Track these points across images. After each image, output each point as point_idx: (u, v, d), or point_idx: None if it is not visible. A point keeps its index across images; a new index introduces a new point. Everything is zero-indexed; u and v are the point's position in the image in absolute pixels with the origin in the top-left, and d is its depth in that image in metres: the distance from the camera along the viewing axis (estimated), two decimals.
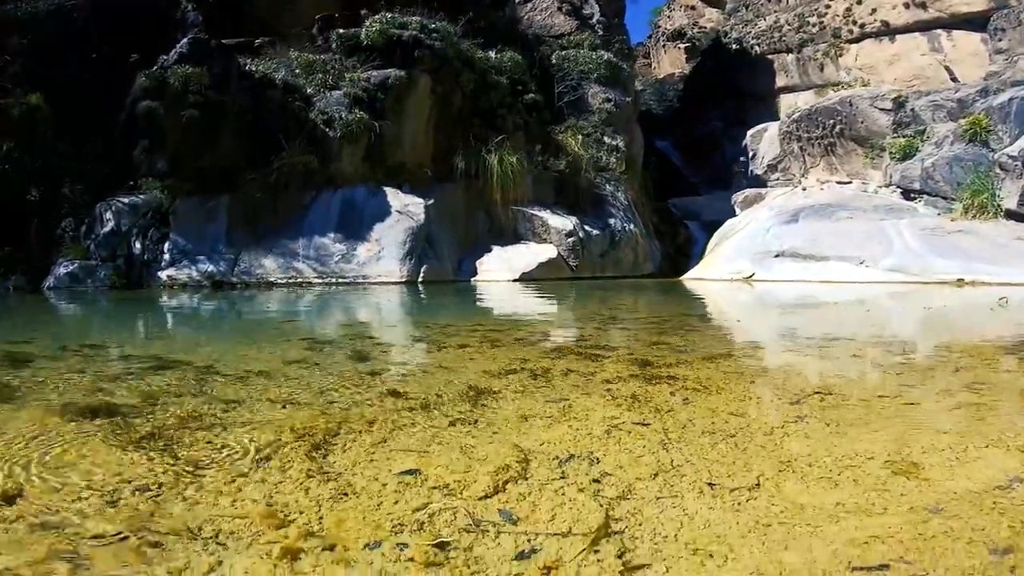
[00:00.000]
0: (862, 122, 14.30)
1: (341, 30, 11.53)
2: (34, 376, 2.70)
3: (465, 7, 12.61)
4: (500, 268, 10.60)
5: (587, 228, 11.59)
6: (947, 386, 2.54)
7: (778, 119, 17.28)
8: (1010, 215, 10.14)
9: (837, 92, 15.75)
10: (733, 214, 14.04)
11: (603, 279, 11.12)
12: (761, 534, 1.24)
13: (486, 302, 7.79)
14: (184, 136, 9.71)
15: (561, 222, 11.35)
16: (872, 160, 14.14)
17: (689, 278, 11.52)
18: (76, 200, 9.54)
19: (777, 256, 10.69)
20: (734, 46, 20.22)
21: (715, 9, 23.26)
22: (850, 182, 14.09)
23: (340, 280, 9.49)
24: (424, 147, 11.39)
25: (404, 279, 9.55)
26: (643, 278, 11.85)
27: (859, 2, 17.52)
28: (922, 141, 13.09)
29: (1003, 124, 11.54)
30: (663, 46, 25.10)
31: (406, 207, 10.22)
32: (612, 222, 12.10)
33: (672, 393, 2.31)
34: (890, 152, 13.40)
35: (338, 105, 10.53)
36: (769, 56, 19.30)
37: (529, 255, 10.85)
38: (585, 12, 15.60)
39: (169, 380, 2.60)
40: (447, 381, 2.54)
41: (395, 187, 10.58)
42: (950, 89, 14.21)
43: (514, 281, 10.24)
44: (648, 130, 16.98)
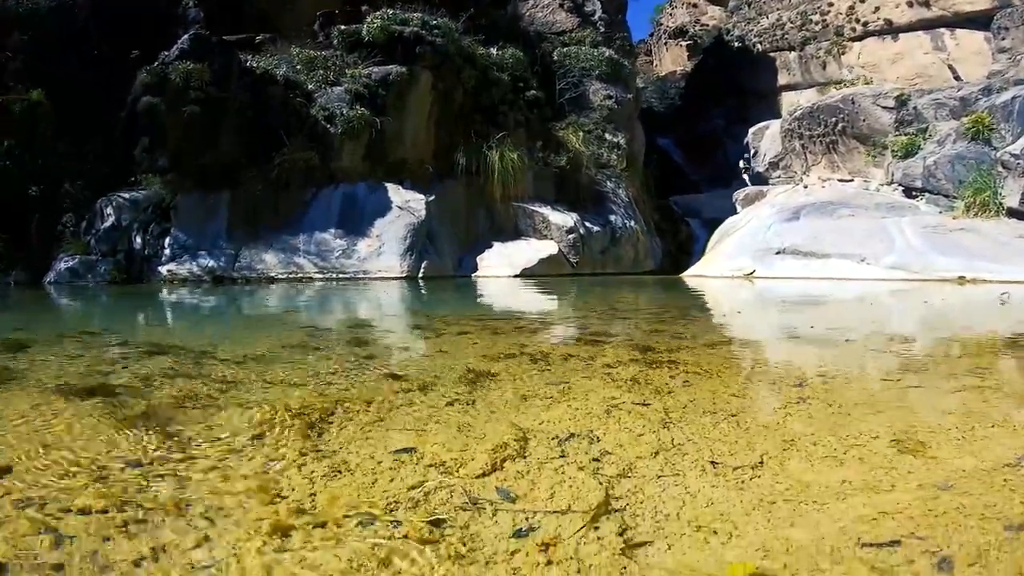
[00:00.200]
0: (864, 120, 14.25)
1: (342, 26, 11.50)
2: (32, 360, 2.68)
3: (467, 4, 12.58)
4: (500, 264, 10.58)
5: (588, 225, 11.55)
6: (951, 371, 2.50)
7: (780, 117, 17.24)
8: (1012, 213, 10.10)
9: (839, 90, 15.70)
10: (734, 212, 14.00)
11: (604, 276, 11.09)
12: (766, 511, 1.21)
13: (486, 296, 7.76)
14: (185, 132, 9.69)
15: (562, 218, 11.32)
16: (874, 158, 14.10)
17: (690, 275, 11.48)
18: (77, 196, 9.53)
19: (778, 253, 10.66)
20: (736, 44, 20.18)
21: (717, 7, 23.23)
22: (852, 180, 14.04)
23: (340, 275, 9.47)
24: (425, 143, 11.36)
25: (404, 274, 9.53)
26: (644, 275, 11.82)
27: (862, 0, 17.47)
28: (924, 139, 13.05)
29: (1006, 122, 11.50)
30: (665, 44, 25.06)
31: (407, 203, 10.20)
32: (613, 219, 12.07)
33: (672, 376, 2.28)
34: (892, 150, 13.35)
35: (339, 101, 10.50)
36: (771, 54, 19.26)
37: (530, 251, 10.82)
38: (587, 9, 15.56)
39: (166, 363, 2.57)
40: (445, 365, 2.51)
41: (396, 183, 10.56)
42: (953, 87, 14.15)
43: (514, 277, 10.22)
44: (650, 128, 16.94)
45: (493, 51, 12.44)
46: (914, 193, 12.36)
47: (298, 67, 11.00)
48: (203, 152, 9.80)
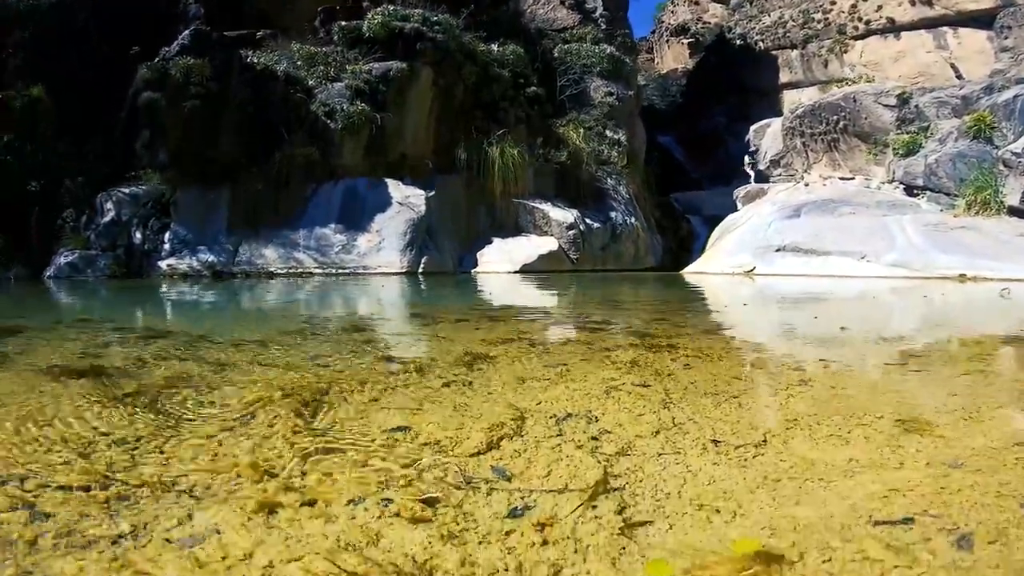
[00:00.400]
0: (866, 118, 14.21)
1: (343, 22, 11.47)
2: (27, 344, 2.64)
3: (467, 0, 12.54)
4: (501, 260, 10.54)
5: (588, 221, 11.52)
6: (954, 359, 2.47)
7: (781, 115, 17.18)
8: (1013, 211, 10.05)
9: (841, 88, 15.65)
10: (735, 209, 13.94)
11: (604, 272, 11.05)
12: (771, 489, 1.17)
13: (486, 290, 7.73)
14: (185, 128, 9.65)
15: (562, 215, 11.28)
16: (875, 156, 14.05)
17: (690, 272, 11.44)
18: (77, 192, 9.50)
19: (779, 251, 10.61)
20: (738, 42, 20.12)
21: (719, 4, 23.17)
22: (853, 178, 14.00)
23: (340, 270, 9.44)
24: (426, 139, 11.33)
25: (404, 270, 9.50)
26: (644, 271, 11.78)
27: None
28: (926, 137, 13.00)
29: (1007, 121, 11.46)
30: (666, 41, 25.01)
31: (407, 199, 10.17)
32: (613, 215, 12.03)
33: (673, 360, 2.25)
34: (893, 148, 13.31)
35: (340, 97, 10.47)
36: (773, 52, 19.19)
37: (530, 247, 10.79)
38: (588, 6, 15.52)
39: (161, 347, 2.54)
40: (443, 348, 2.48)
41: (396, 179, 10.52)
42: (954, 86, 14.11)
43: (514, 273, 10.18)
44: (651, 125, 16.89)
45: (494, 47, 12.40)
46: (915, 191, 12.31)
47: (299, 63, 10.97)
48: (203, 148, 9.76)
